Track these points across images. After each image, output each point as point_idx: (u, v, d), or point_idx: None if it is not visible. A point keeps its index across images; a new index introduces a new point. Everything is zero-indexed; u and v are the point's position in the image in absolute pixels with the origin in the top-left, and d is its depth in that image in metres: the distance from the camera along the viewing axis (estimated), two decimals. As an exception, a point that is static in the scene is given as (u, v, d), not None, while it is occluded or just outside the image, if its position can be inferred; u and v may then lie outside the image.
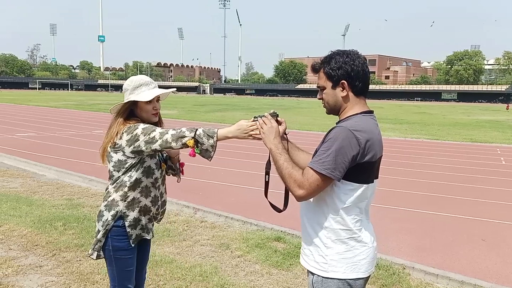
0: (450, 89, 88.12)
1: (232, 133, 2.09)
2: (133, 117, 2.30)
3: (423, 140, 15.76)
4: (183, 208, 5.98)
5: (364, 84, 1.81)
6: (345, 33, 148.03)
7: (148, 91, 2.27)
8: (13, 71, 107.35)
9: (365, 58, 1.84)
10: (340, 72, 1.78)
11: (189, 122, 20.59)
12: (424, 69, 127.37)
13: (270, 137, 1.87)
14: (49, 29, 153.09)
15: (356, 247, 1.78)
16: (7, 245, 4.49)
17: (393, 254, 4.43)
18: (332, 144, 1.68)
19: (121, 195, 2.27)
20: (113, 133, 2.26)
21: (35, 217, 5.33)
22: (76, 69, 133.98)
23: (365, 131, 1.70)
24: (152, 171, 2.33)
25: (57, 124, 18.20)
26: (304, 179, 1.69)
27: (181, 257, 4.31)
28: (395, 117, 29.30)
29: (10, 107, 30.83)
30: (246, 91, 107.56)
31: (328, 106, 1.87)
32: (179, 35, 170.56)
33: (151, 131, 2.17)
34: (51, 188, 6.94)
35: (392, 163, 10.33)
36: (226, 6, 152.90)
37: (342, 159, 1.66)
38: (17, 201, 6.06)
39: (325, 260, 1.79)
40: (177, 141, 2.12)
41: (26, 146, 11.46)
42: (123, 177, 2.27)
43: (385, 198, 6.90)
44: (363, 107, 1.83)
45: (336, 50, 1.84)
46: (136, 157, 2.25)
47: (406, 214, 6.09)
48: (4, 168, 8.39)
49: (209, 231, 5.13)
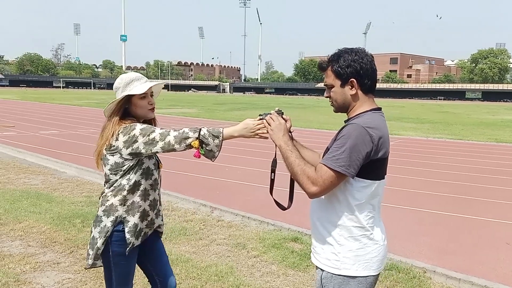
0: (475, 88, 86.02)
1: (238, 132, 2.04)
2: (128, 116, 2.21)
3: (446, 140, 15.40)
4: (200, 206, 5.96)
5: (372, 81, 1.81)
6: (366, 31, 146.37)
7: (140, 85, 2.20)
8: (38, 70, 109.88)
9: (373, 56, 1.84)
10: (349, 70, 1.77)
11: (209, 121, 20.66)
12: (448, 68, 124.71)
13: (279, 134, 1.86)
14: (73, 29, 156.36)
15: (368, 245, 1.78)
16: (26, 242, 4.55)
17: (413, 257, 4.30)
18: (346, 141, 1.67)
19: (120, 200, 2.17)
20: (108, 134, 2.16)
21: (55, 214, 5.39)
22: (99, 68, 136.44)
23: (377, 128, 1.72)
24: (151, 172, 2.24)
25: (79, 122, 18.51)
26: (318, 176, 1.68)
27: (197, 256, 4.29)
28: (417, 116, 28.76)
29: (34, 105, 31.55)
30: (266, 90, 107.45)
31: (336, 104, 1.87)
32: (199, 34, 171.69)
33: (150, 132, 2.08)
34: (71, 185, 7.03)
35: (414, 163, 10.12)
36: (246, 4, 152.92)
37: (356, 156, 1.66)
38: (37, 197, 6.15)
39: (337, 258, 1.78)
40: (181, 142, 2.04)
41: (48, 143, 11.67)
42: (121, 180, 2.17)
43: (407, 199, 6.74)
44: (372, 104, 1.83)
45: (343, 48, 1.83)
46: (134, 159, 2.15)
47: (428, 216, 5.92)
48: (26, 165, 8.55)
49: (226, 230, 5.09)
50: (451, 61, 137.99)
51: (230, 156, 9.89)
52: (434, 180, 8.28)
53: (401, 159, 10.57)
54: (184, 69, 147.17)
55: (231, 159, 9.46)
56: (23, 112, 24.03)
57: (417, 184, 7.87)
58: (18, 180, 7.29)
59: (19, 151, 10.10)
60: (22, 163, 8.80)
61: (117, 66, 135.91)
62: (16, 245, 4.45)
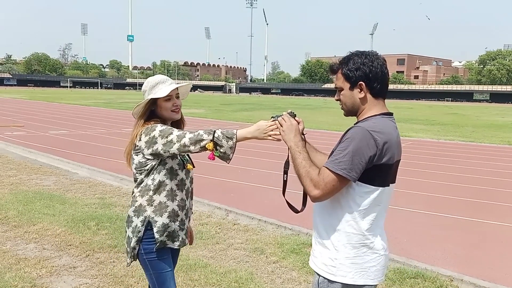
0: (483, 89, 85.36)
1: (251, 133, 2.05)
2: (154, 117, 2.27)
3: (458, 142, 15.21)
4: (214, 209, 5.87)
5: (382, 85, 1.78)
6: (373, 32, 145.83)
7: (164, 88, 2.24)
8: (46, 70, 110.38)
9: (385, 59, 1.81)
10: (358, 74, 1.76)
11: (217, 122, 20.59)
12: (455, 69, 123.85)
13: (290, 135, 1.84)
14: (80, 29, 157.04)
15: (367, 254, 1.74)
16: (41, 245, 4.48)
17: (439, 264, 4.18)
18: (349, 144, 1.65)
19: (147, 200, 2.24)
20: (134, 135, 2.24)
21: (69, 216, 5.32)
22: (106, 68, 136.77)
23: (383, 132, 1.68)
24: (175, 172, 2.26)
25: (88, 122, 18.50)
26: (320, 179, 1.66)
27: (215, 261, 4.19)
28: (426, 118, 28.52)
29: (43, 105, 31.66)
30: (272, 90, 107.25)
31: (346, 108, 1.85)
32: (206, 34, 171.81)
33: (169, 133, 2.13)
34: (84, 187, 6.96)
35: (429, 166, 9.96)
36: (253, 5, 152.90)
37: (359, 159, 1.63)
38: (50, 199, 6.08)
39: (333, 263, 1.75)
40: (195, 144, 2.07)
41: (58, 143, 11.64)
42: (146, 180, 2.24)
43: (426, 203, 6.62)
44: (382, 108, 1.80)
45: (354, 51, 1.81)
46: (156, 159, 2.21)
47: (450, 221, 5.78)
48: (38, 166, 8.50)
49: (242, 234, 4.99)
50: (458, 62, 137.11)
51: (243, 158, 9.80)
52: (453, 184, 8.12)
53: (415, 161, 10.42)
54: (190, 69, 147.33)
55: (243, 161, 9.36)
56: (32, 111, 24.10)
57: (436, 187, 7.72)
58: (30, 181, 7.24)
59: (30, 151, 10.07)
60: (34, 163, 8.75)
61: (124, 66, 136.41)
62: (31, 248, 4.38)
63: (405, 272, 3.91)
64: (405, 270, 3.95)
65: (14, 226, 4.97)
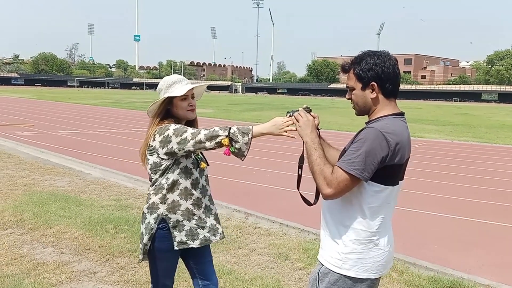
0: (491, 89, 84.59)
1: (267, 129, 2.06)
2: (169, 117, 2.28)
3: (472, 143, 14.95)
4: (233, 212, 5.71)
5: (394, 86, 1.79)
6: (379, 32, 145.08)
7: (181, 87, 2.26)
8: (53, 70, 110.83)
9: (397, 59, 1.80)
10: (370, 74, 1.76)
11: (226, 122, 20.45)
12: (463, 69, 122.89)
13: (306, 131, 1.85)
14: (87, 29, 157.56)
15: (373, 250, 1.78)
16: (59, 249, 4.35)
17: (474, 272, 3.99)
18: (362, 145, 1.67)
19: (160, 198, 2.26)
20: (149, 134, 2.26)
21: (85, 219, 5.19)
22: (112, 67, 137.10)
23: (395, 133, 1.70)
24: (189, 171, 2.28)
25: (97, 122, 18.43)
26: (333, 178, 1.69)
27: (239, 267, 4.04)
28: (436, 118, 28.21)
29: (51, 104, 31.70)
30: (278, 90, 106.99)
31: (358, 108, 1.86)
32: (212, 34, 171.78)
33: (183, 132, 2.14)
34: (98, 188, 6.84)
35: (446, 167, 9.76)
36: (259, 5, 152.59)
37: (371, 160, 1.66)
38: (65, 201, 5.96)
39: (340, 257, 1.79)
40: (211, 140, 2.08)
41: (69, 143, 11.55)
42: (161, 179, 2.26)
43: (451, 206, 6.43)
44: (394, 109, 1.81)
45: (367, 51, 1.82)
46: (170, 159, 2.22)
47: (477, 226, 5.59)
48: (51, 166, 8.39)
49: (264, 238, 4.84)
50: (466, 62, 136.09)
51: (257, 158, 9.65)
52: (474, 186, 7.92)
53: (432, 163, 10.21)
54: (196, 69, 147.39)
55: (257, 161, 9.21)
56: (41, 111, 24.10)
57: (458, 190, 7.52)
58: (43, 181, 7.12)
59: (42, 151, 9.97)
60: (46, 163, 8.65)
61: (130, 66, 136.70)
62: (49, 252, 4.25)
63: (440, 281, 3.73)
64: (440, 279, 3.77)
65: (30, 229, 4.85)
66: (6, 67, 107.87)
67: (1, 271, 3.78)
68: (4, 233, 4.73)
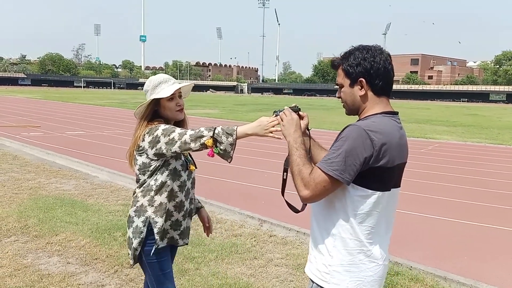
0: (499, 90, 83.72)
1: (252, 129, 1.98)
2: (157, 118, 2.24)
3: (486, 145, 14.60)
4: (247, 218, 5.46)
5: (385, 82, 1.65)
6: (386, 32, 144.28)
7: (167, 88, 2.20)
8: (59, 70, 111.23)
9: (389, 54, 1.67)
10: (358, 69, 1.64)
11: (233, 122, 20.21)
12: (470, 69, 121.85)
13: (290, 130, 1.73)
14: (94, 30, 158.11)
15: (364, 262, 1.61)
16: (65, 258, 4.12)
17: (508, 286, 3.71)
18: (343, 144, 1.54)
19: (148, 200, 2.21)
20: (137, 136, 2.21)
21: (93, 225, 4.96)
22: (119, 68, 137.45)
23: (381, 132, 1.55)
24: (178, 173, 2.24)
25: (104, 123, 18.27)
26: (311, 179, 1.56)
27: (256, 280, 3.78)
28: (446, 119, 27.80)
29: (58, 104, 31.63)
30: (284, 90, 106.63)
31: (347, 106, 1.73)
32: (217, 34, 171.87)
33: (171, 131, 2.10)
34: (106, 192, 6.62)
35: (465, 171, 9.44)
36: (265, 5, 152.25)
37: (352, 160, 1.52)
38: (72, 205, 5.74)
39: (327, 270, 1.65)
40: (196, 141, 2.04)
41: (76, 144, 11.35)
42: (149, 180, 2.21)
43: (478, 213, 6.12)
44: (385, 107, 1.66)
45: (357, 45, 1.69)
46: (160, 160, 2.18)
47: (507, 235, 5.29)
48: (57, 168, 8.19)
49: (281, 248, 4.58)
50: (473, 63, 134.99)
51: (265, 160, 9.41)
52: (502, 192, 7.54)
53: (448, 166, 9.91)
54: (202, 69, 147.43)
55: (266, 164, 8.97)
56: (47, 111, 24.00)
57: (484, 196, 7.21)
58: (49, 185, 6.91)
59: (48, 152, 9.77)
60: (52, 166, 8.44)
61: (136, 66, 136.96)
62: (54, 262, 4.02)
63: (475, 297, 3.46)
64: (474, 295, 3.50)
65: (35, 236, 4.63)
66: (13, 68, 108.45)
67: (4, 283, 3.55)
68: (8, 241, 4.51)
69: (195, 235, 4.84)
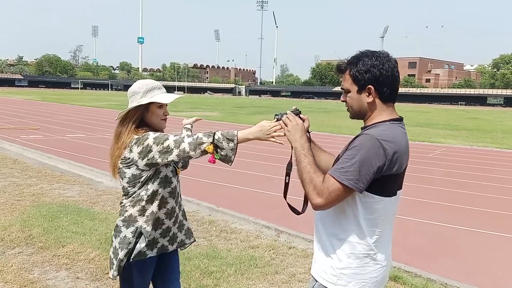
0: (497, 93, 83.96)
1: (253, 134, 1.93)
2: (142, 125, 2.14)
3: (493, 149, 14.41)
4: (262, 228, 5.20)
5: (392, 90, 1.66)
6: (383, 35, 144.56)
7: (161, 95, 2.14)
8: (57, 71, 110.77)
9: (396, 61, 1.67)
10: (367, 76, 1.63)
11: (235, 125, 19.95)
12: (467, 73, 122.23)
13: (295, 136, 1.73)
14: (91, 31, 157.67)
15: (370, 264, 1.64)
16: (74, 272, 3.85)
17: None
18: (356, 153, 1.54)
19: (139, 210, 2.11)
20: (122, 143, 2.09)
21: (101, 236, 4.69)
22: (116, 69, 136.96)
23: (393, 141, 1.57)
24: (169, 180, 2.17)
25: (103, 125, 17.97)
26: (324, 187, 1.56)
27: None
28: (448, 122, 27.67)
29: (56, 106, 31.28)
30: (282, 93, 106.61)
31: (352, 111, 1.73)
32: (215, 37, 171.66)
33: (164, 139, 2.00)
34: (111, 198, 6.34)
35: (479, 177, 9.21)
36: (263, 8, 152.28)
37: (366, 170, 1.53)
38: (78, 213, 5.46)
39: (334, 272, 1.66)
40: (196, 149, 1.96)
41: (77, 148, 11.06)
42: (140, 191, 2.10)
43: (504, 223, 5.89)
44: (391, 114, 1.68)
45: (364, 51, 1.68)
46: (151, 169, 2.08)
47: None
48: (59, 173, 7.90)
49: (303, 261, 4.32)
50: (470, 66, 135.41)
51: (276, 165, 9.15)
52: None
53: (462, 172, 9.69)
54: (200, 71, 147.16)
55: (275, 169, 8.71)
56: (46, 113, 23.66)
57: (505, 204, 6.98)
58: (52, 191, 6.63)
59: (49, 156, 9.47)
60: (54, 170, 8.15)
61: (134, 68, 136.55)
62: (63, 277, 3.75)
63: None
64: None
65: (41, 248, 4.35)
66: (10, 69, 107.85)
67: (10, 302, 3.28)
68: (12, 252, 4.23)
69: (210, 246, 4.59)
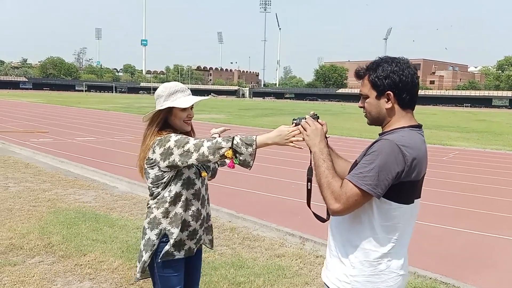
0: (502, 95, 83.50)
1: (272, 139, 1.93)
2: (166, 126, 2.17)
3: (506, 152, 14.22)
4: (286, 236, 5.07)
5: (412, 96, 1.65)
6: (387, 36, 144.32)
7: (184, 98, 2.17)
8: (61, 74, 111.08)
9: (416, 68, 1.67)
10: (386, 82, 1.62)
11: (242, 128, 19.82)
12: (472, 74, 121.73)
13: (315, 140, 1.72)
14: (95, 33, 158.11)
15: (384, 272, 1.62)
16: (98, 283, 3.73)
17: None
18: (375, 158, 1.53)
19: (163, 212, 2.15)
20: (146, 145, 2.14)
21: (122, 244, 4.57)
22: (120, 72, 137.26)
23: (412, 147, 1.56)
24: (192, 181, 2.18)
25: (112, 128, 17.89)
26: (342, 192, 1.55)
27: (316, 311, 3.38)
28: (456, 124, 27.45)
29: (62, 109, 31.25)
30: (286, 95, 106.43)
31: (370, 117, 1.72)
32: (218, 39, 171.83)
33: (185, 143, 2.03)
34: (128, 204, 6.22)
35: (504, 182, 9.04)
36: (266, 10, 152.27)
37: (385, 175, 1.51)
38: (96, 220, 5.34)
39: (348, 280, 1.64)
40: (215, 153, 1.97)
41: (88, 151, 10.96)
42: (163, 192, 2.15)
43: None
44: (410, 120, 1.67)
45: (384, 57, 1.68)
46: (173, 170, 2.12)
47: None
48: (73, 178, 7.79)
49: (332, 270, 4.17)
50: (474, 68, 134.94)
51: (292, 170, 9.01)
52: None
53: (485, 176, 9.50)
54: (203, 73, 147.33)
55: (293, 174, 8.57)
56: (53, 116, 23.62)
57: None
58: (67, 196, 6.52)
59: (62, 160, 9.36)
60: (67, 175, 8.04)
61: (137, 70, 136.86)
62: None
63: None
64: None
65: (62, 257, 4.23)
66: (14, 71, 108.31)
67: (36, 316, 3.15)
68: (32, 261, 4.11)
69: (234, 255, 4.45)
